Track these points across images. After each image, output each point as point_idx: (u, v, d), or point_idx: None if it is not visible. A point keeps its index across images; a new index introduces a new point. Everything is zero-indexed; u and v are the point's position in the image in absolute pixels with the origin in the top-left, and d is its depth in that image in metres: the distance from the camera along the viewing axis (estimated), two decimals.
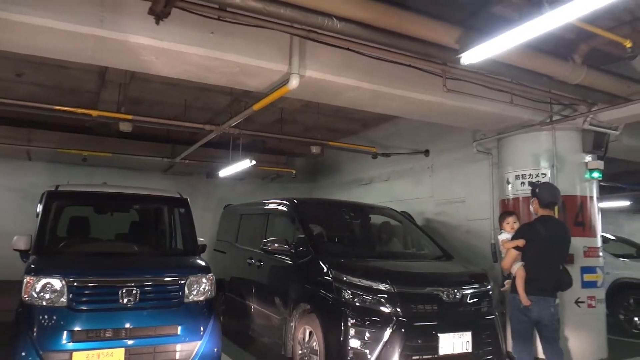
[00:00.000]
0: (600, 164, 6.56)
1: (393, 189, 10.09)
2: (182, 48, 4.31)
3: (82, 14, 3.90)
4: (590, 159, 6.65)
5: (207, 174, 11.70)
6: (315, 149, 9.06)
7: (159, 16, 3.68)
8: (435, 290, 5.36)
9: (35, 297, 4.60)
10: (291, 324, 5.90)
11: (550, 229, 4.79)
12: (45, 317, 4.59)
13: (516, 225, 5.41)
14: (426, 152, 9.03)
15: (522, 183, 6.66)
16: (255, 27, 4.14)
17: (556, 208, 5.20)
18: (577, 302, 6.08)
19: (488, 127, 7.08)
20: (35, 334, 4.51)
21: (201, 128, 7.62)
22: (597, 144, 6.56)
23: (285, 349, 6.00)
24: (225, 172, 10.19)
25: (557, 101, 6.27)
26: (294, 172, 11.96)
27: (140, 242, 6.80)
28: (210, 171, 11.35)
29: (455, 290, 5.39)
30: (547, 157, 6.55)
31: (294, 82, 4.72)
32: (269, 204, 7.88)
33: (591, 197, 6.58)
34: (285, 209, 7.19)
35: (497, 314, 5.77)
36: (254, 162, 9.13)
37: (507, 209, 6.59)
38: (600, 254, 6.59)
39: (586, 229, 6.39)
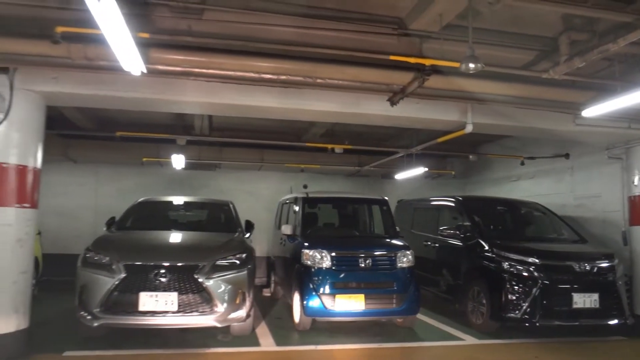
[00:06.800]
0: None
1: (538, 185, 10.84)
2: (400, 114, 6.40)
3: (342, 103, 6.33)
4: None
5: (382, 176, 13.23)
6: (472, 157, 10.73)
7: (394, 102, 6.07)
8: (569, 263, 7.00)
9: (311, 262, 6.76)
10: (464, 287, 7.73)
11: None
12: (318, 274, 6.70)
13: None
14: (566, 156, 9.98)
15: None
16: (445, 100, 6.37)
17: None
18: None
19: (615, 140, 8.22)
20: (314, 283, 6.65)
21: (396, 151, 9.68)
22: None
23: (459, 304, 7.82)
24: (401, 175, 11.77)
25: None
26: (453, 172, 12.99)
27: (355, 229, 9.05)
28: (385, 173, 12.88)
29: (585, 264, 7.01)
30: None
31: (469, 128, 6.74)
32: (438, 200, 9.69)
33: None
34: (453, 204, 8.96)
35: (621, 282, 7.18)
36: (426, 169, 10.82)
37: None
38: None
39: None
